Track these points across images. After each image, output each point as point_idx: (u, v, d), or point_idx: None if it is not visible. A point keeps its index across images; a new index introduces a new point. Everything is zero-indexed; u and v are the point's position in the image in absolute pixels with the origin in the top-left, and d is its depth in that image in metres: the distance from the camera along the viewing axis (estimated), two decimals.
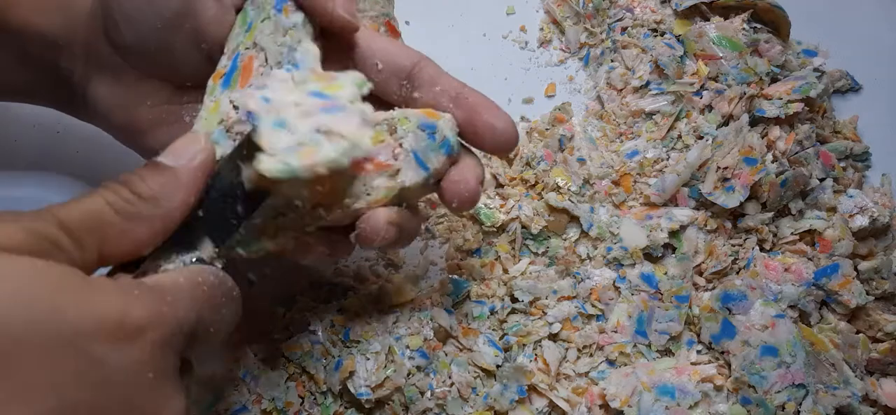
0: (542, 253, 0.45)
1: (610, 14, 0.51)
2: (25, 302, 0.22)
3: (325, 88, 0.31)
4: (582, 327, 0.44)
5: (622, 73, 0.49)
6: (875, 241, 0.45)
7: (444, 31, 0.52)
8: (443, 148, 0.34)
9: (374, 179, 0.33)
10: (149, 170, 0.29)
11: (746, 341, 0.41)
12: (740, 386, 0.41)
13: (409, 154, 0.33)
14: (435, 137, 0.33)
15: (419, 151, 0.33)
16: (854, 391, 0.41)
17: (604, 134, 0.48)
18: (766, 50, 0.47)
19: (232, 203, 0.30)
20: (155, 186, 0.28)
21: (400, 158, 0.33)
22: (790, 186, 0.44)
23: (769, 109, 0.46)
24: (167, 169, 0.29)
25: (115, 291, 0.25)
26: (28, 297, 0.22)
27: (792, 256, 0.45)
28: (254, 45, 0.33)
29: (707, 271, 0.44)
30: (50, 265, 0.24)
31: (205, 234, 0.30)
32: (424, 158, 0.33)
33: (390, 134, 0.33)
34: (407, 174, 0.33)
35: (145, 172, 0.28)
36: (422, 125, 0.33)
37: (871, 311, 0.44)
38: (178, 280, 0.27)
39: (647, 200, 0.46)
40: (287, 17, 0.33)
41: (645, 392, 0.41)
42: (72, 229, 0.26)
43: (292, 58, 0.33)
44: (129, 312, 0.24)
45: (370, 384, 0.39)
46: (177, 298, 0.26)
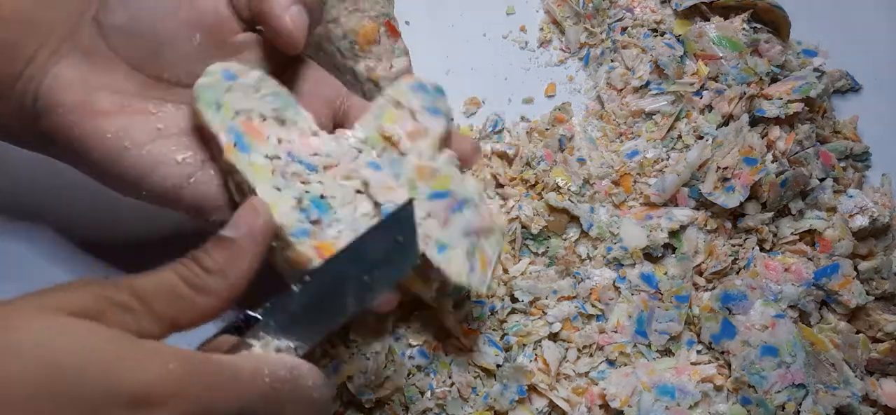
0: (542, 253, 0.45)
1: (610, 14, 0.51)
2: (57, 361, 0.23)
3: (438, 186, 0.36)
4: (582, 327, 0.44)
5: (622, 73, 0.49)
6: (875, 241, 0.45)
7: (444, 31, 0.52)
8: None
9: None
10: (214, 244, 0.30)
11: (746, 341, 0.41)
12: (740, 386, 0.41)
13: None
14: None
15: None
16: (854, 391, 0.41)
17: (604, 134, 0.48)
18: (766, 50, 0.47)
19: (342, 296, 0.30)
20: (220, 259, 0.29)
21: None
22: (790, 186, 0.44)
23: (769, 109, 0.46)
24: (231, 241, 0.30)
25: (156, 359, 0.24)
26: (62, 356, 0.23)
27: (792, 256, 0.45)
28: (237, 114, 0.35)
29: (707, 271, 0.44)
30: (101, 328, 0.24)
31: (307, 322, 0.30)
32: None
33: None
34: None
35: (211, 247, 0.29)
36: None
37: (871, 311, 0.44)
38: (241, 365, 0.27)
39: (647, 200, 0.46)
40: (246, 79, 0.35)
41: (645, 392, 0.41)
42: (143, 296, 0.27)
43: (284, 112, 0.36)
44: (153, 383, 0.24)
45: (370, 384, 0.39)
46: (221, 384, 0.26)
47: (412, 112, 0.37)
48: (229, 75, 0.35)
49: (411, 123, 0.37)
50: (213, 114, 0.34)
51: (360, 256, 0.30)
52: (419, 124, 0.37)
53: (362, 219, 0.35)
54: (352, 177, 0.36)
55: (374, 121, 0.37)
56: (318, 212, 0.34)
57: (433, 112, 0.38)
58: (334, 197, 0.35)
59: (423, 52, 0.38)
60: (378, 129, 0.37)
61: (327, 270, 0.30)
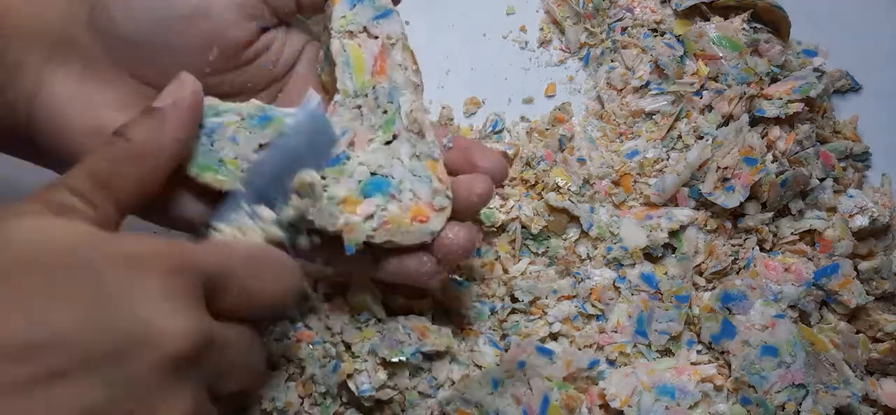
0: (542, 253, 0.45)
1: (610, 14, 0.51)
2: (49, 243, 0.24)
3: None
4: (582, 326, 0.44)
5: (622, 73, 0.49)
6: (875, 241, 0.45)
7: (444, 31, 0.52)
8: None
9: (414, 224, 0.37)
10: (141, 114, 0.30)
11: (746, 341, 0.41)
12: (740, 386, 0.41)
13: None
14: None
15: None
16: (854, 391, 0.41)
17: (604, 134, 0.48)
18: (766, 50, 0.47)
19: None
20: (145, 125, 0.30)
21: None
22: (790, 186, 0.44)
23: (769, 109, 0.46)
24: (156, 110, 0.30)
25: (138, 237, 0.26)
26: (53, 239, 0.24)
27: (792, 256, 0.45)
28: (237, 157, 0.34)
29: (707, 271, 0.44)
30: (79, 222, 0.26)
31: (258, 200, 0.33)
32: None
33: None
34: (435, 223, 0.36)
35: (136, 117, 0.30)
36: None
37: (871, 311, 0.44)
38: (216, 239, 0.30)
39: (647, 200, 0.46)
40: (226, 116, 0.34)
41: (645, 392, 0.41)
42: (83, 191, 0.27)
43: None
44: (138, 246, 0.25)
45: (371, 384, 0.39)
46: (202, 251, 0.27)
47: (367, 30, 0.36)
48: (210, 128, 0.33)
49: (375, 43, 0.36)
50: (221, 175, 0.33)
51: (285, 153, 0.33)
52: (381, 38, 0.36)
53: (413, 161, 0.36)
54: (374, 139, 0.36)
55: (349, 70, 0.35)
56: (382, 189, 0.35)
57: (382, 15, 0.36)
58: (381, 165, 0.35)
59: (423, 52, 0.38)
60: (359, 76, 0.36)
61: (254, 175, 0.33)
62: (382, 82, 0.36)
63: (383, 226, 0.35)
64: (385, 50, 0.36)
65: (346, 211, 0.34)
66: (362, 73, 0.35)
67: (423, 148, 0.36)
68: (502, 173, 0.38)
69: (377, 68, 0.36)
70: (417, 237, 0.36)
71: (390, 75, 0.36)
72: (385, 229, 0.35)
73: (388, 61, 0.36)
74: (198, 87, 0.31)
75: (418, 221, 0.35)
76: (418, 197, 0.36)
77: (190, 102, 0.31)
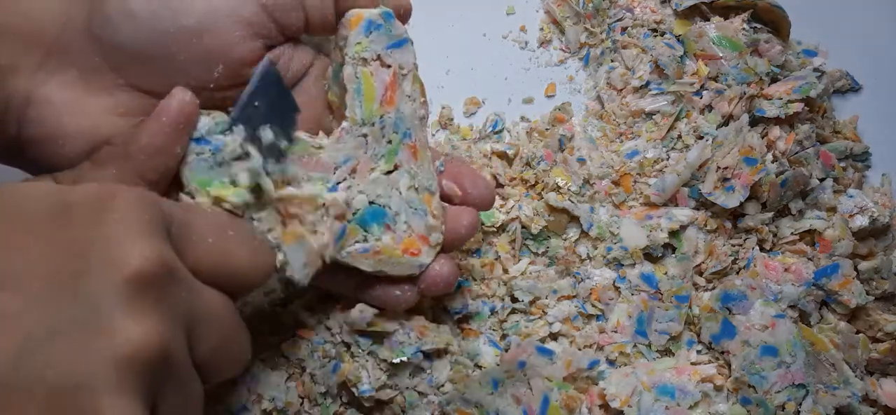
0: (542, 253, 0.45)
1: (610, 14, 0.51)
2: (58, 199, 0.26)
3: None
4: (582, 326, 0.44)
5: (622, 73, 0.49)
6: (875, 241, 0.45)
7: (444, 31, 0.52)
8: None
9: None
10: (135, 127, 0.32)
11: (746, 341, 0.41)
12: (740, 386, 0.41)
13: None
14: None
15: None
16: (854, 391, 0.41)
17: (604, 134, 0.48)
18: (766, 50, 0.47)
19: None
20: (126, 134, 0.31)
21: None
22: (790, 186, 0.44)
23: (769, 109, 0.46)
24: (141, 121, 0.32)
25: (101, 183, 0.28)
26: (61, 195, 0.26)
27: (792, 256, 0.45)
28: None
29: (707, 271, 0.44)
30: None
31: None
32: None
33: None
34: (426, 257, 0.38)
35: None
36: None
37: (871, 311, 0.44)
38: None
39: (647, 200, 0.46)
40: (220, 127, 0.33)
41: (645, 392, 0.41)
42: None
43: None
44: (105, 186, 0.26)
45: (371, 384, 0.39)
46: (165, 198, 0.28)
47: (381, 59, 0.36)
48: (216, 146, 0.33)
49: (387, 72, 0.36)
50: (220, 191, 0.32)
51: (247, 121, 0.33)
52: (394, 67, 0.36)
53: (410, 193, 0.37)
54: (375, 168, 0.36)
55: (359, 98, 0.35)
56: (379, 219, 0.36)
57: (397, 45, 0.36)
58: (379, 195, 0.36)
59: (424, 52, 0.38)
60: (368, 105, 0.36)
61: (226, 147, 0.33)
62: (390, 112, 0.36)
63: (375, 255, 0.36)
64: (396, 80, 0.36)
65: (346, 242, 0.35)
66: (372, 103, 0.36)
67: (421, 180, 0.37)
68: (490, 199, 0.39)
69: (386, 98, 0.36)
70: (407, 269, 0.37)
71: (398, 106, 0.36)
72: (376, 259, 0.36)
73: (398, 92, 0.36)
74: (186, 100, 0.31)
75: (410, 253, 0.37)
76: (412, 229, 0.37)
77: (174, 112, 0.31)
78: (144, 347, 0.24)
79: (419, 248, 0.37)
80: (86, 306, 0.23)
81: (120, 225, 0.25)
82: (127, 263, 0.24)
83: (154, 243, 0.25)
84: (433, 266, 0.37)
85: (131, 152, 0.31)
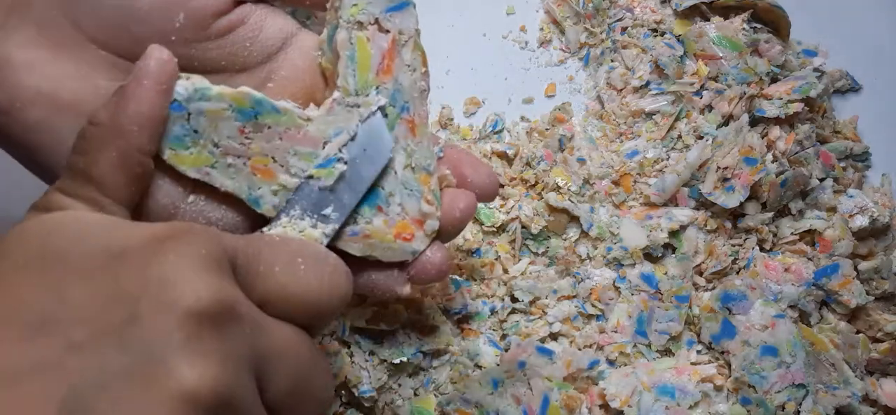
0: (542, 253, 0.45)
1: (610, 14, 0.51)
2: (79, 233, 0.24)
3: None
4: (582, 326, 0.44)
5: (622, 73, 0.49)
6: (875, 241, 0.45)
7: (444, 31, 0.52)
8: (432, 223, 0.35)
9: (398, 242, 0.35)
10: (109, 97, 0.28)
11: (746, 341, 0.41)
12: (740, 386, 0.41)
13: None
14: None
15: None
16: (854, 391, 0.41)
17: (604, 134, 0.48)
18: (766, 50, 0.47)
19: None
20: (108, 109, 0.28)
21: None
22: (790, 186, 0.44)
23: (769, 109, 0.46)
24: (119, 89, 0.28)
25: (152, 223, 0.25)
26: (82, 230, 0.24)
27: (792, 256, 0.45)
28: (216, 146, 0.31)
29: (707, 271, 0.44)
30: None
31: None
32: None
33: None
34: (419, 243, 0.35)
35: (105, 101, 0.28)
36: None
37: (871, 311, 0.44)
38: (266, 235, 0.28)
39: (647, 200, 0.46)
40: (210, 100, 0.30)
41: (645, 392, 0.41)
42: (72, 192, 0.27)
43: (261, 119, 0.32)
44: (158, 225, 0.25)
45: (371, 384, 0.40)
46: (226, 232, 0.26)
47: (379, 23, 0.33)
48: (195, 111, 0.30)
49: (385, 39, 0.33)
50: (194, 160, 0.30)
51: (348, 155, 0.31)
52: (393, 33, 0.33)
53: (406, 172, 0.34)
54: None
55: (352, 66, 0.32)
56: (371, 201, 0.33)
57: (398, 8, 0.33)
58: None
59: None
60: (362, 74, 0.33)
61: (312, 181, 0.31)
62: (386, 83, 0.33)
63: (364, 239, 0.33)
64: (395, 47, 0.33)
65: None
66: (367, 72, 0.33)
67: (418, 159, 0.34)
68: (492, 188, 0.36)
69: (383, 67, 0.33)
70: (398, 255, 0.34)
71: (396, 76, 0.33)
72: (366, 243, 0.33)
73: (397, 61, 0.33)
74: (165, 59, 0.28)
75: (402, 238, 0.34)
76: (406, 212, 0.34)
77: (155, 73, 0.28)
78: (203, 392, 0.21)
79: (412, 232, 0.34)
80: (136, 354, 0.21)
81: (174, 266, 0.23)
82: (181, 302, 0.22)
83: (211, 280, 0.23)
84: (425, 253, 0.34)
85: (122, 127, 0.27)
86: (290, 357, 0.26)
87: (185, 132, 0.29)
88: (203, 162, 0.30)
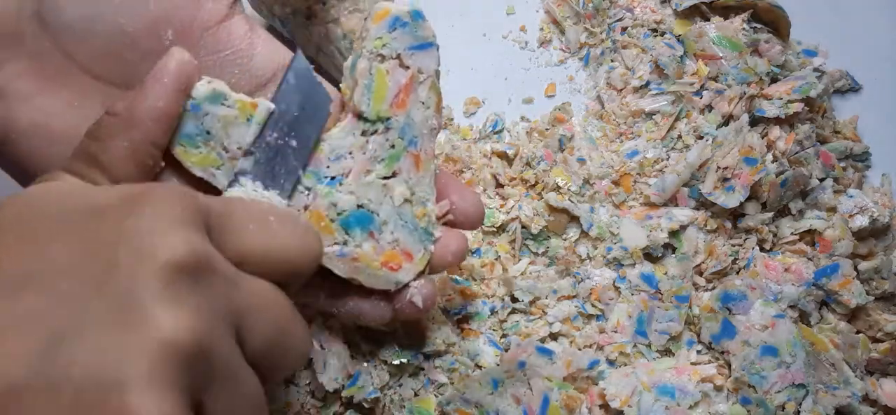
0: (542, 253, 0.45)
1: (610, 14, 0.51)
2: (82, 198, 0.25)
3: None
4: (582, 326, 0.44)
5: (622, 73, 0.49)
6: (875, 241, 0.45)
7: (444, 31, 0.51)
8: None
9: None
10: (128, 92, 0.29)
11: (746, 341, 0.41)
12: (740, 386, 0.41)
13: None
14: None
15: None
16: (854, 391, 0.41)
17: (604, 134, 0.48)
18: (766, 50, 0.47)
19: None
20: (126, 100, 0.29)
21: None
22: (790, 186, 0.44)
23: (769, 109, 0.46)
24: (140, 84, 0.29)
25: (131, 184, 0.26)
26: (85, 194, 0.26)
27: (792, 256, 0.45)
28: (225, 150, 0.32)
29: (707, 271, 0.44)
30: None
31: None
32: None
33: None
34: (407, 274, 0.35)
35: (124, 94, 0.29)
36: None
37: (871, 311, 0.44)
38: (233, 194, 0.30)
39: (647, 200, 0.46)
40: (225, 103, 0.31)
41: (645, 392, 0.41)
42: (78, 171, 0.28)
43: None
44: (135, 185, 0.26)
45: (372, 385, 0.39)
46: (219, 203, 0.27)
47: (400, 57, 0.34)
48: (208, 112, 0.31)
49: (404, 74, 0.34)
50: (203, 160, 0.31)
51: (281, 118, 0.32)
52: (412, 70, 0.34)
53: (405, 206, 0.34)
54: (371, 171, 0.34)
55: (368, 95, 0.33)
56: (363, 224, 0.34)
57: (421, 47, 0.34)
58: (370, 200, 0.34)
59: None
60: (376, 104, 0.34)
61: (260, 144, 0.32)
62: (399, 116, 0.34)
63: (352, 261, 0.34)
64: (412, 83, 0.34)
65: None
66: (381, 102, 0.33)
67: (419, 194, 0.35)
68: (478, 216, 0.37)
69: (398, 101, 0.34)
70: (383, 283, 0.35)
71: (409, 111, 0.34)
72: (352, 265, 0.34)
73: (412, 96, 0.34)
74: (185, 60, 0.29)
75: (389, 267, 0.34)
76: (398, 243, 0.34)
77: (174, 72, 0.29)
78: (179, 339, 0.22)
79: (400, 263, 0.35)
80: (114, 301, 0.22)
81: (151, 219, 0.23)
82: (158, 254, 0.23)
83: (187, 234, 0.24)
84: (412, 286, 0.35)
85: (137, 119, 0.28)
86: (268, 311, 0.26)
87: (197, 131, 0.30)
88: (210, 163, 0.31)
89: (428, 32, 0.35)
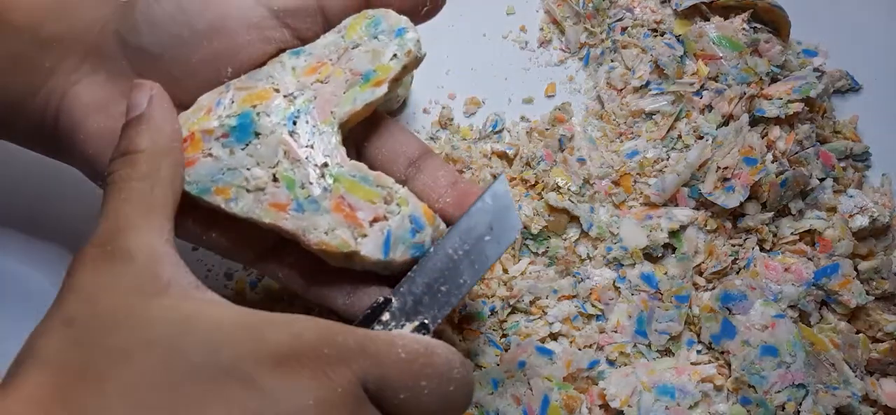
0: (542, 253, 0.45)
1: (610, 14, 0.51)
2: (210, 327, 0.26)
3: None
4: (582, 326, 0.44)
5: (622, 73, 0.49)
6: (875, 241, 0.45)
7: (444, 31, 0.52)
8: (413, 249, 0.33)
9: (340, 226, 0.32)
10: (128, 130, 0.31)
11: (746, 341, 0.41)
12: (740, 386, 0.41)
13: (383, 231, 0.32)
14: (415, 235, 0.33)
15: (393, 235, 0.33)
16: (854, 391, 0.41)
17: (604, 134, 0.48)
18: (766, 50, 0.47)
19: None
20: (144, 139, 0.31)
21: (373, 228, 0.32)
22: (790, 186, 0.44)
23: (769, 109, 0.46)
24: (135, 118, 0.31)
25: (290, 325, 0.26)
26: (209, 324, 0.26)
27: (792, 256, 0.45)
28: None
29: (707, 271, 0.44)
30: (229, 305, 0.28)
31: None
32: (392, 245, 0.33)
33: (383, 202, 0.33)
34: (367, 246, 0.32)
35: (126, 133, 0.31)
36: (412, 217, 0.33)
37: (871, 311, 0.44)
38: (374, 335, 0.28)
39: (647, 200, 0.46)
40: None
41: (645, 392, 0.41)
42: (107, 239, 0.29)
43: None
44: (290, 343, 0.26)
45: None
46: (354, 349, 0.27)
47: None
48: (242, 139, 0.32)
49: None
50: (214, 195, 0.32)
51: (466, 233, 0.33)
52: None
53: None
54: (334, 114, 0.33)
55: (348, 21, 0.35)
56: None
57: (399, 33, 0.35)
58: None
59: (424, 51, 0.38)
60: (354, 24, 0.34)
61: (438, 251, 0.33)
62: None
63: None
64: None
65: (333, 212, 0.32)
66: (358, 27, 0.34)
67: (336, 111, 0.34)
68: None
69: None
70: (341, 243, 0.32)
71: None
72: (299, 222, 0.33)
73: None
74: (152, 88, 0.32)
75: (345, 216, 0.32)
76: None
77: (156, 99, 0.32)
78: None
79: (359, 220, 0.32)
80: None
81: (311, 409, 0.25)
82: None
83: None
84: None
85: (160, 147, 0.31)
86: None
87: (218, 168, 0.32)
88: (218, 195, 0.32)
89: (399, 20, 0.35)
